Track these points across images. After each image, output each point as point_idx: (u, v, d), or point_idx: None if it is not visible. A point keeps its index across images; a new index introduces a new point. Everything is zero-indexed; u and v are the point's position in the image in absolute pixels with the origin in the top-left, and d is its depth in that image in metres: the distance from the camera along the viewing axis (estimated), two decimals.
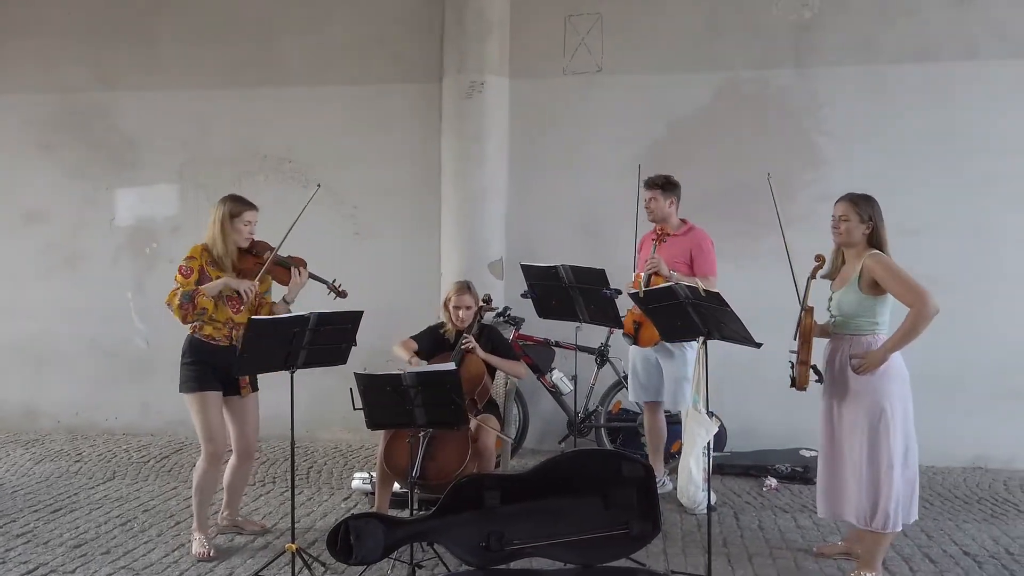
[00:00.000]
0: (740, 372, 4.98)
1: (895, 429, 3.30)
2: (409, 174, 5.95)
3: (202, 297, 3.65)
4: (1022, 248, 5.30)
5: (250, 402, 3.91)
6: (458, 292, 4.30)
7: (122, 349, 6.28)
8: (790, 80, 5.56)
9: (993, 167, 5.31)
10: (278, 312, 3.84)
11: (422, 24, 5.90)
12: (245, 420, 3.90)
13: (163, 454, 5.67)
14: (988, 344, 5.29)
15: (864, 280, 3.38)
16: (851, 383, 3.38)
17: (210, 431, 3.74)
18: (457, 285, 4.37)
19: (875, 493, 3.32)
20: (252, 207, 3.83)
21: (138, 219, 6.31)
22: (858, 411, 3.35)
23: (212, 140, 6.16)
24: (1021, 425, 5.31)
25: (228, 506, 4.08)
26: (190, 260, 3.75)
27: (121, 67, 6.27)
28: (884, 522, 3.32)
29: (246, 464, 4.01)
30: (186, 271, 3.72)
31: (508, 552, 3.28)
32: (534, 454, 5.51)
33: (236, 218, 3.76)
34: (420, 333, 4.38)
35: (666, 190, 4.50)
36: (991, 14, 5.32)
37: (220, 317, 3.74)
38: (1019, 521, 4.29)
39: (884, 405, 3.30)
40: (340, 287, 3.95)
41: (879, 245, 3.42)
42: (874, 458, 3.31)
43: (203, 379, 3.72)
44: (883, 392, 3.32)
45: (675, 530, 4.11)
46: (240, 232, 3.78)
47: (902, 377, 3.36)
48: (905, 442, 3.34)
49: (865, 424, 3.33)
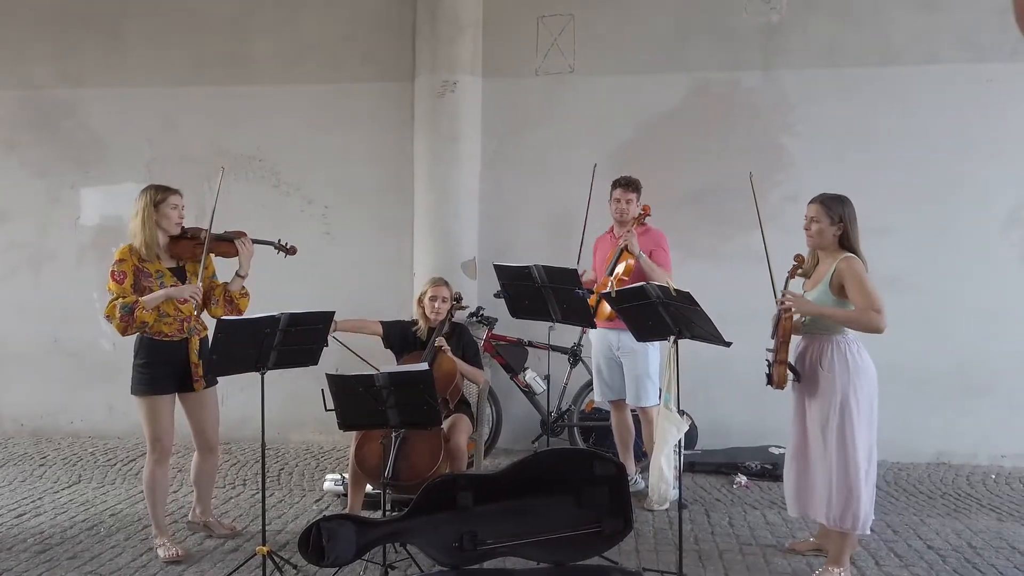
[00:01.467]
0: (711, 371, 5.04)
1: (860, 427, 3.32)
2: (381, 174, 5.92)
3: (142, 311, 3.54)
4: (984, 248, 5.43)
5: (207, 396, 3.82)
6: (435, 284, 4.40)
7: (87, 350, 6.17)
8: (759, 82, 5.63)
9: (955, 169, 5.42)
10: (234, 288, 3.81)
11: (393, 23, 5.88)
12: (203, 415, 3.83)
13: (130, 457, 5.59)
14: (951, 343, 5.41)
15: (835, 282, 3.39)
16: (820, 381, 3.40)
17: (157, 434, 3.67)
18: (433, 279, 4.48)
19: (847, 495, 3.33)
20: (175, 191, 3.74)
21: (104, 218, 6.20)
22: (825, 409, 3.38)
23: (180, 138, 6.08)
24: (982, 422, 5.44)
25: (200, 502, 4.01)
26: (120, 263, 3.63)
27: (87, 64, 6.16)
28: (854, 523, 3.35)
29: (210, 459, 3.93)
30: (119, 276, 3.61)
31: (481, 552, 3.28)
32: (507, 454, 5.52)
33: (162, 204, 3.66)
34: (391, 321, 4.42)
35: (639, 193, 4.58)
36: (953, 20, 5.44)
37: (168, 310, 3.64)
38: (981, 515, 4.39)
39: (853, 404, 3.33)
40: (287, 244, 3.91)
41: (852, 246, 3.44)
42: (844, 460, 3.32)
43: (154, 382, 3.64)
44: (854, 390, 3.34)
45: (647, 528, 4.15)
46: (169, 218, 3.67)
47: (869, 375, 3.39)
48: (870, 441, 3.38)
49: (832, 422, 3.35)
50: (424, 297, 4.38)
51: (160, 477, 3.75)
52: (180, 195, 3.76)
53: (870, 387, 3.38)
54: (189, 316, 3.70)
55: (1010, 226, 5.42)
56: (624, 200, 4.55)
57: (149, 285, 3.63)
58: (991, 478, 5.14)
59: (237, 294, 3.83)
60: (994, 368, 5.41)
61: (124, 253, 3.66)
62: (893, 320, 3.39)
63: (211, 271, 3.86)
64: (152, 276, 3.65)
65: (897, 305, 5.23)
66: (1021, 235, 5.42)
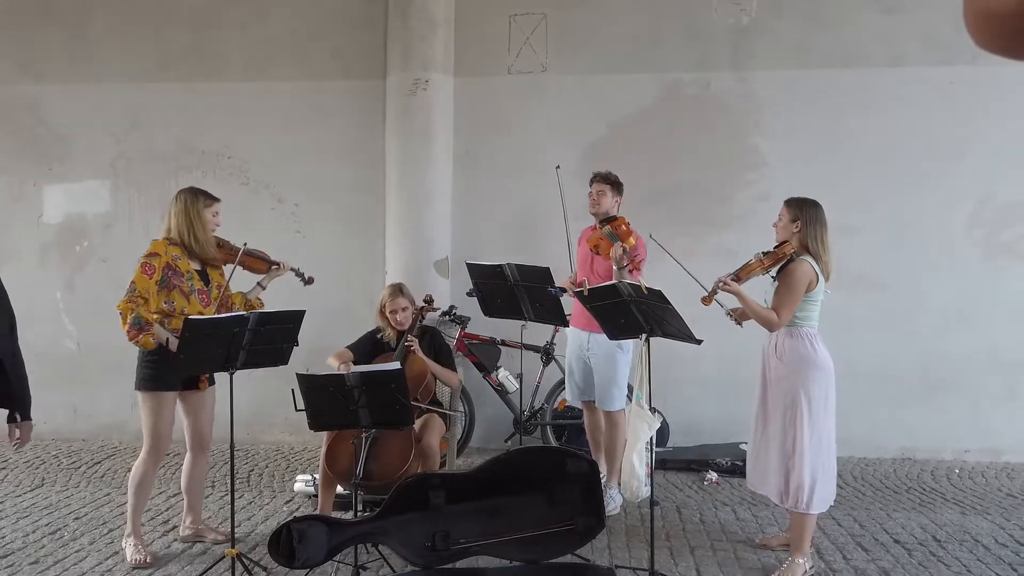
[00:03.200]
0: (682, 369, 5.08)
1: (806, 416, 3.43)
2: (352, 172, 5.87)
3: (148, 337, 3.49)
4: (948, 246, 5.53)
5: (207, 395, 3.83)
6: (391, 296, 4.32)
7: (51, 351, 6.02)
8: (729, 83, 5.68)
9: (919, 169, 5.52)
10: (253, 297, 3.89)
11: (364, 20, 5.83)
12: (200, 414, 3.81)
13: (95, 459, 5.48)
14: (916, 340, 5.51)
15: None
16: (776, 371, 3.54)
17: (157, 430, 3.63)
18: (389, 289, 4.39)
19: (786, 474, 3.47)
20: (217, 199, 3.79)
21: (67, 216, 6.07)
22: (778, 396, 3.52)
23: (146, 135, 5.97)
24: (946, 417, 5.55)
25: (191, 511, 3.93)
26: (153, 257, 3.59)
27: (50, 57, 6.02)
28: (796, 502, 3.45)
29: (201, 459, 3.89)
30: (149, 269, 3.56)
31: (454, 551, 3.27)
32: (480, 452, 5.51)
33: (207, 208, 3.70)
34: (356, 342, 4.38)
35: (615, 188, 4.54)
36: (917, 23, 5.53)
37: (183, 305, 3.62)
38: (945, 509, 4.48)
39: (801, 393, 3.45)
40: (307, 276, 4.03)
41: (811, 248, 3.53)
42: (786, 441, 3.47)
43: (162, 378, 3.59)
44: (803, 380, 3.46)
45: (619, 525, 4.17)
46: (210, 224, 3.71)
47: (824, 369, 3.50)
48: (821, 430, 3.47)
49: (784, 409, 3.48)
50: (384, 310, 4.33)
51: (150, 476, 3.72)
52: (220, 202, 3.81)
53: (825, 379, 3.49)
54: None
55: (973, 225, 5.53)
56: (596, 192, 4.51)
57: (179, 284, 3.61)
58: (955, 472, 5.24)
59: (257, 303, 3.90)
60: (958, 365, 5.52)
61: (159, 247, 3.62)
62: (860, 317, 3.45)
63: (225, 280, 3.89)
64: (184, 276, 3.63)
65: (863, 303, 5.39)
66: (984, 234, 5.53)
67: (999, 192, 5.50)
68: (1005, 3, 0.62)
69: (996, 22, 0.64)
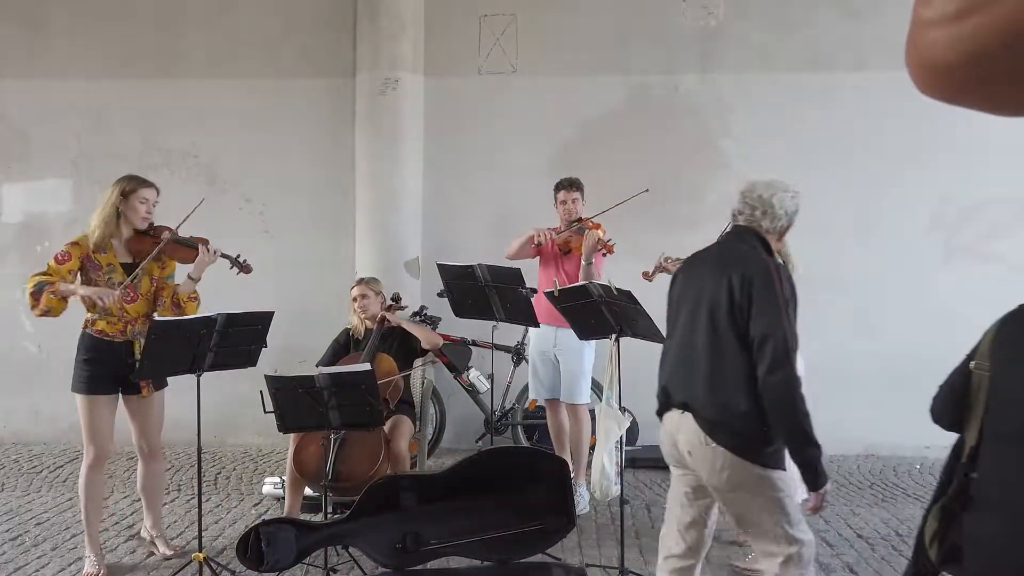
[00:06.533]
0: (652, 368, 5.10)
1: None
2: (321, 171, 5.82)
3: (49, 295, 3.35)
4: (910, 248, 5.65)
5: (153, 402, 3.68)
6: (357, 284, 4.48)
7: (10, 353, 5.89)
8: (697, 85, 5.74)
9: (881, 172, 5.64)
10: (183, 291, 3.65)
11: (333, 18, 5.78)
12: (146, 420, 3.69)
13: (57, 464, 5.36)
14: (878, 339, 5.62)
15: None
16: None
17: (93, 433, 3.52)
18: (357, 279, 4.59)
19: None
20: (149, 184, 3.60)
21: (27, 215, 5.94)
22: None
23: (108, 133, 5.85)
24: (907, 415, 5.55)
25: (150, 512, 3.83)
26: (71, 246, 3.49)
27: (8, 52, 5.88)
28: None
29: (153, 465, 3.79)
30: (61, 257, 3.45)
31: (425, 552, 3.26)
32: (451, 453, 5.50)
33: (132, 195, 3.52)
34: (323, 356, 4.39)
35: (582, 192, 4.63)
36: (879, 28, 5.64)
37: (114, 309, 3.48)
38: (907, 504, 4.58)
39: None
40: (244, 261, 3.78)
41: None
42: None
43: (94, 380, 3.50)
44: None
45: (589, 523, 4.19)
46: (136, 211, 3.54)
47: None
48: None
49: None
50: (354, 302, 4.40)
51: (94, 482, 3.59)
52: (155, 190, 3.62)
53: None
54: (135, 318, 3.56)
55: (933, 227, 5.66)
56: (570, 200, 4.58)
57: (96, 278, 3.49)
58: (916, 468, 5.36)
59: (185, 297, 3.66)
60: (918, 362, 5.59)
61: (81, 238, 3.53)
62: (824, 317, 3.51)
63: (169, 271, 3.72)
64: (102, 269, 3.50)
65: (827, 302, 5.48)
66: (943, 235, 5.66)
67: (959, 194, 5.62)
68: (951, 56, 0.62)
69: (943, 73, 0.64)
